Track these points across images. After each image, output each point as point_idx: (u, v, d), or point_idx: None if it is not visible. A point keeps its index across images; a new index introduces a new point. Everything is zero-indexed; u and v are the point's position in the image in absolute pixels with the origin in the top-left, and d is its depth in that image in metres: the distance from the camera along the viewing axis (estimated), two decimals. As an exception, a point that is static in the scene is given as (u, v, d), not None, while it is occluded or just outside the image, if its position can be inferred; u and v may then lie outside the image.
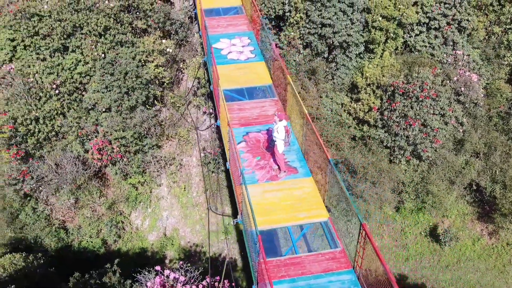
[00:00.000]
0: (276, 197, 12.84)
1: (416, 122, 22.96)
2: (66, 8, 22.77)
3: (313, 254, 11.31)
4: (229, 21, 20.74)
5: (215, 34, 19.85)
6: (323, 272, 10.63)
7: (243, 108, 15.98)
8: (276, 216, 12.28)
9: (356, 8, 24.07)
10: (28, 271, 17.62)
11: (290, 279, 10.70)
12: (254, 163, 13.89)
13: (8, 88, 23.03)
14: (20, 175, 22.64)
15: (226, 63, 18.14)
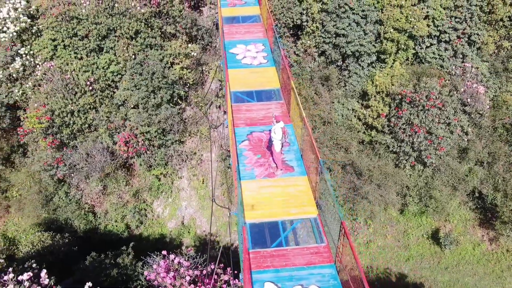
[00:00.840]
0: (271, 192, 12.99)
1: (421, 130, 22.60)
2: (102, 12, 23.43)
3: (298, 248, 11.38)
4: (247, 29, 20.94)
5: (233, 40, 20.10)
6: (305, 265, 10.68)
7: (250, 109, 16.16)
8: (269, 210, 12.43)
9: (369, 20, 23.89)
10: (54, 248, 18.32)
11: (274, 269, 10.81)
12: (254, 161, 14.06)
13: (48, 83, 23.80)
14: (54, 162, 23.50)
15: (240, 67, 18.35)
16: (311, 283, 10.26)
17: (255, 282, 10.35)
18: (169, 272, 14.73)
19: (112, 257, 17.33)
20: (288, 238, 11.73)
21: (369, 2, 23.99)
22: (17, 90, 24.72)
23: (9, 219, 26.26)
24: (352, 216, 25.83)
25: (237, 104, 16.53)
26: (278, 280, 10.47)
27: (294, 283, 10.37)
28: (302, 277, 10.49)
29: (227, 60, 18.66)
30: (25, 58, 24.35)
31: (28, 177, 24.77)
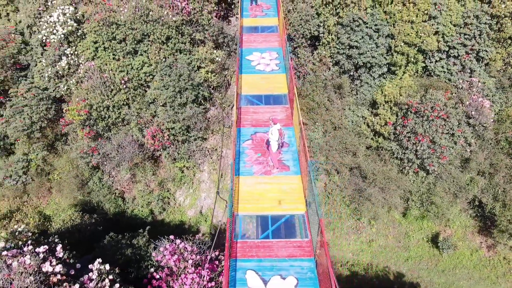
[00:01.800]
0: (265, 189, 13.14)
1: (425, 139, 22.04)
2: (138, 19, 24.09)
3: (282, 241, 11.45)
4: (264, 38, 21.09)
5: (250, 48, 20.31)
6: (287, 257, 10.75)
7: (257, 111, 16.32)
8: (261, 204, 12.57)
9: (381, 34, 23.56)
10: (81, 227, 19.04)
11: (257, 259, 10.93)
12: (254, 159, 14.22)
13: (89, 80, 24.61)
14: (90, 150, 24.37)
15: (253, 73, 18.53)
16: (290, 274, 10.32)
17: (238, 269, 10.52)
18: (173, 255, 15.01)
19: (129, 238, 17.85)
20: (280, 231, 11.70)
21: (381, 17, 23.62)
22: (62, 85, 25.75)
23: (51, 199, 27.37)
24: (357, 216, 25.51)
25: (246, 106, 16.73)
26: (260, 269, 10.59)
27: (274, 273, 10.46)
28: (283, 268, 10.57)
29: (242, 66, 18.84)
30: (70, 58, 25.32)
31: (68, 163, 25.80)
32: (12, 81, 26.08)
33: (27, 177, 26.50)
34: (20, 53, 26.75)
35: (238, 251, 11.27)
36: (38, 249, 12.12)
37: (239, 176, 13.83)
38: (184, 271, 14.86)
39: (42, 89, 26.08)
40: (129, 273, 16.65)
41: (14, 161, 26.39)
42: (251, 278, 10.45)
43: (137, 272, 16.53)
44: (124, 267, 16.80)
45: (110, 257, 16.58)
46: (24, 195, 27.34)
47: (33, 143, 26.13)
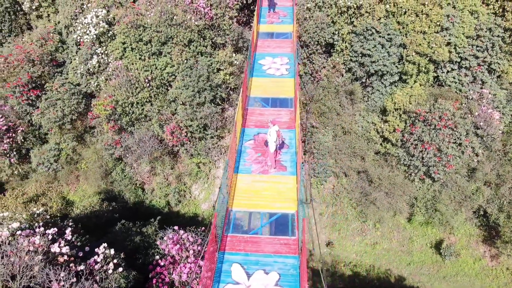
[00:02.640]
0: (261, 187, 13.13)
1: (431, 147, 21.38)
2: (163, 23, 24.47)
3: (270, 237, 11.39)
4: (278, 44, 21.01)
5: (263, 53, 20.30)
6: (273, 253, 10.64)
7: (263, 113, 16.29)
8: (255, 202, 12.51)
9: (393, 43, 23.07)
10: (99, 213, 19.48)
11: (244, 253, 10.93)
12: (254, 158, 14.21)
13: (116, 78, 25.15)
14: (113, 143, 24.94)
15: (263, 76, 18.52)
16: (273, 270, 10.25)
17: (225, 262, 10.55)
18: (176, 245, 15.17)
19: (139, 226, 18.18)
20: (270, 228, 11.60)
21: (394, 27, 23.10)
22: (93, 82, 26.48)
23: (79, 186, 28.22)
24: (362, 219, 25.07)
25: (252, 107, 16.70)
26: (246, 263, 10.58)
27: (258, 268, 10.42)
28: (267, 263, 10.52)
29: (254, 69, 18.83)
30: (101, 57, 25.98)
31: (94, 153, 26.53)
32: (48, 76, 27.02)
33: (57, 164, 27.43)
34: (57, 51, 27.69)
35: (227, 244, 11.29)
36: (48, 231, 12.53)
37: (237, 174, 13.85)
38: (185, 261, 15.01)
39: (75, 85, 26.92)
40: (137, 259, 16.98)
41: (47, 150, 27.36)
42: (236, 270, 10.45)
43: (144, 259, 16.83)
44: (133, 253, 17.15)
45: (120, 243, 16.96)
46: (55, 181, 28.33)
47: (64, 134, 27.02)
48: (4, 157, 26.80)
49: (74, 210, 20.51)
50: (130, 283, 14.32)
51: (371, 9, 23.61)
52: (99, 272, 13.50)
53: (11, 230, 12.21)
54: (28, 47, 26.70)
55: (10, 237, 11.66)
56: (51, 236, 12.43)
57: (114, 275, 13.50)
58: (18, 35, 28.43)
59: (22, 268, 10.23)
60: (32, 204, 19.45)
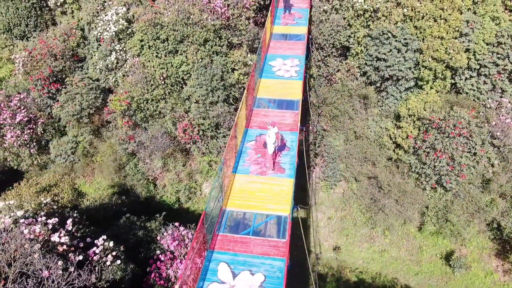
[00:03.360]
0: (257, 188, 13.14)
1: (443, 155, 20.86)
2: (179, 21, 24.80)
3: (260, 239, 11.39)
4: (290, 45, 20.95)
5: (274, 54, 20.33)
6: (261, 255, 10.67)
7: (268, 114, 16.31)
8: (250, 202, 12.54)
9: (409, 48, 22.58)
10: (107, 206, 19.92)
11: (233, 253, 10.99)
12: (254, 159, 14.25)
13: (133, 75, 25.65)
14: (127, 138, 25.42)
15: (272, 78, 18.53)
16: (259, 271, 10.28)
17: (213, 260, 10.66)
18: (175, 241, 15.40)
19: (143, 221, 18.48)
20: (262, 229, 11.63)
21: (411, 32, 22.66)
22: (111, 77, 27.13)
23: (94, 179, 28.96)
24: (371, 225, 24.69)
25: (258, 108, 16.76)
26: (233, 262, 10.65)
27: (245, 268, 10.47)
28: (254, 264, 10.55)
29: (264, 71, 18.87)
30: (119, 53, 26.58)
31: (109, 147, 27.15)
32: (69, 71, 27.87)
33: (74, 156, 28.25)
34: (79, 47, 28.52)
35: (217, 243, 11.40)
36: (49, 221, 12.97)
37: (235, 174, 13.93)
38: (184, 257, 15.21)
39: (94, 80, 27.65)
40: (140, 252, 17.30)
41: (65, 142, 28.22)
42: (222, 270, 10.53)
43: (146, 253, 17.13)
44: (136, 247, 17.49)
45: (123, 236, 17.32)
46: (72, 172, 29.19)
47: (82, 127, 27.79)
48: (24, 148, 27.82)
49: (84, 202, 21.10)
50: (128, 276, 14.62)
51: (388, 12, 23.24)
52: (98, 263, 13.86)
53: (14, 218, 12.71)
54: (51, 42, 27.62)
55: (12, 225, 12.15)
56: (51, 225, 12.88)
57: (112, 266, 13.82)
58: (43, 30, 29.43)
59: (19, 255, 10.65)
60: (44, 194, 20.13)
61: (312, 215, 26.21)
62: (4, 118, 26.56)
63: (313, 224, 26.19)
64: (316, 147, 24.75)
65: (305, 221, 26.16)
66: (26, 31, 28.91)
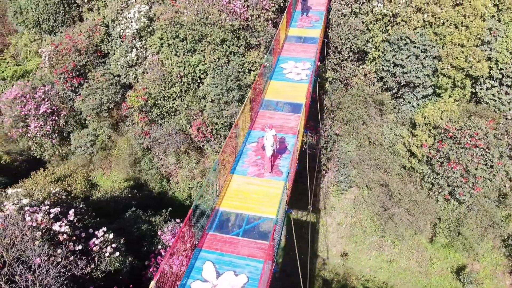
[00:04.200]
0: (252, 189, 13.18)
1: (457, 166, 20.26)
2: (198, 21, 25.14)
3: (248, 240, 11.42)
4: (304, 48, 20.83)
5: (287, 56, 20.29)
6: (247, 256, 10.67)
7: (273, 117, 16.34)
8: (243, 204, 12.60)
9: (428, 54, 22.04)
10: (117, 199, 20.49)
11: (220, 253, 11.08)
12: (253, 161, 14.32)
13: (152, 72, 26.18)
14: (143, 133, 25.89)
15: (282, 80, 18.53)
16: (243, 272, 10.34)
17: (199, 258, 10.82)
18: (174, 236, 15.66)
19: (149, 215, 18.86)
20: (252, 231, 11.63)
21: (430, 38, 22.10)
22: (131, 74, 27.79)
23: (111, 172, 29.77)
24: (381, 233, 24.26)
25: (263, 110, 16.82)
26: (219, 262, 10.76)
27: (229, 268, 10.57)
28: (239, 265, 10.62)
29: (274, 73, 18.89)
30: (139, 50, 27.22)
31: (125, 142, 27.86)
32: (92, 66, 28.75)
33: (93, 149, 29.15)
34: (103, 43, 29.37)
35: (206, 242, 11.54)
36: (52, 210, 13.50)
37: (233, 174, 14.05)
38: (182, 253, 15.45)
39: (115, 76, 28.40)
40: (142, 246, 17.70)
41: (85, 134, 29.16)
42: (207, 269, 10.66)
43: (148, 247, 17.51)
44: (139, 240, 17.89)
45: (128, 229, 17.77)
46: (91, 164, 30.14)
47: (101, 121, 28.64)
48: (46, 138, 28.96)
49: (96, 194, 21.76)
50: (126, 268, 15.00)
51: (408, 18, 22.74)
52: (98, 253, 14.30)
53: (20, 206, 13.31)
54: (77, 38, 28.58)
55: (16, 212, 12.73)
56: (53, 215, 13.40)
57: (110, 258, 14.22)
58: (70, 26, 30.50)
59: (18, 241, 11.16)
60: (59, 183, 20.92)
61: (322, 219, 25.99)
62: (28, 109, 27.73)
63: (322, 228, 25.97)
64: (328, 151, 24.52)
65: (314, 225, 25.99)
66: (54, 26, 30.03)
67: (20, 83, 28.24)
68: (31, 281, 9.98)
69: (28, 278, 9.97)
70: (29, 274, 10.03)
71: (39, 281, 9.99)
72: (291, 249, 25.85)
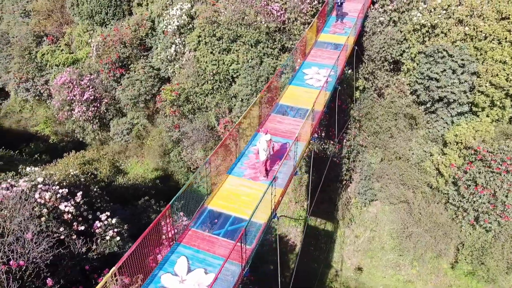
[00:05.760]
0: (244, 192, 13.26)
1: (484, 191, 19.01)
2: (234, 22, 25.46)
3: (226, 241, 11.51)
4: (330, 55, 20.47)
5: (311, 62, 20.07)
6: (221, 256, 10.78)
7: (282, 121, 16.30)
8: (232, 205, 12.75)
9: (466, 70, 20.77)
10: (137, 187, 21.46)
11: (195, 249, 11.29)
12: (252, 163, 14.41)
13: (187, 68, 27.05)
14: (173, 126, 26.76)
15: (301, 85, 18.40)
16: (213, 272, 10.47)
17: (176, 252, 11.13)
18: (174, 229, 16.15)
19: (161, 206, 19.51)
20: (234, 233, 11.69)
21: (470, 52, 20.79)
22: (170, 68, 28.83)
23: (144, 160, 31.15)
24: (399, 252, 23.31)
25: (275, 114, 16.83)
26: (193, 258, 11.01)
27: (201, 266, 10.79)
28: (211, 264, 10.79)
29: (295, 78, 18.86)
30: (178, 46, 28.21)
31: (157, 133, 29.01)
32: (135, 58, 30.21)
33: (129, 137, 30.69)
34: (147, 37, 30.74)
35: (186, 237, 11.82)
36: (60, 190, 14.49)
37: (229, 175, 14.25)
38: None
39: (156, 69, 29.64)
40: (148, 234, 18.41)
41: (123, 122, 30.78)
42: (180, 263, 10.92)
43: (153, 236, 18.18)
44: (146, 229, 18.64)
45: (137, 217, 18.56)
46: (126, 151, 31.76)
47: (138, 111, 30.04)
48: (88, 123, 30.95)
49: (119, 180, 22.94)
50: (125, 252, 15.72)
51: (447, 29, 21.57)
52: (101, 235, 15.15)
53: (34, 183, 14.44)
54: (124, 31, 30.18)
55: (27, 190, 13.85)
56: (61, 195, 14.39)
57: (110, 242, 14.99)
58: (120, 19, 32.22)
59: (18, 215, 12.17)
60: (87, 166, 22.34)
61: (339, 230, 25.43)
62: (74, 94, 29.77)
63: (339, 239, 25.41)
64: (350, 161, 23.93)
65: (331, 235, 25.50)
66: (105, 19, 31.90)
67: (69, 70, 30.38)
68: (20, 253, 10.88)
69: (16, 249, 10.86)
70: (19, 247, 10.95)
71: (26, 253, 10.85)
72: (306, 255, 25.61)
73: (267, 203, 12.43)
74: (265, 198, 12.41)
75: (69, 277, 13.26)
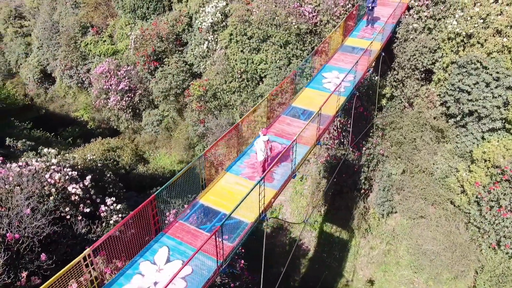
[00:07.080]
0: (237, 190, 13.28)
1: (508, 214, 17.82)
2: (265, 21, 25.50)
3: (208, 236, 11.52)
4: (354, 60, 19.89)
5: (332, 65, 19.67)
6: (200, 249, 10.81)
7: (292, 124, 16.15)
8: (223, 202, 12.81)
9: (501, 83, 19.53)
10: (155, 176, 22.10)
11: (178, 241, 11.45)
12: (251, 162, 14.36)
13: (217, 65, 27.49)
14: (198, 121, 27.31)
15: (318, 89, 18.11)
16: (190, 264, 10.58)
17: (159, 242, 11.38)
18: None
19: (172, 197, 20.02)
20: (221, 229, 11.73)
21: (507, 66, 19.50)
22: (202, 64, 29.42)
23: (171, 151, 32.02)
24: (415, 269, 22.34)
25: (285, 116, 16.71)
26: (174, 249, 11.20)
27: (180, 257, 10.96)
28: (189, 256, 10.84)
29: (313, 80, 18.63)
30: (211, 43, 28.71)
31: (184, 126, 29.65)
32: (170, 53, 31.10)
33: (159, 128, 31.66)
34: (184, 32, 31.52)
35: (172, 229, 12.02)
36: (70, 173, 15.29)
37: (226, 172, 14.33)
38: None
39: (189, 64, 30.35)
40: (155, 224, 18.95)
41: (154, 114, 31.80)
42: (161, 253, 11.12)
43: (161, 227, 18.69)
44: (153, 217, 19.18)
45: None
46: (156, 141, 32.80)
47: (168, 104, 30.91)
48: (122, 112, 32.28)
49: (139, 168, 23.75)
50: (127, 238, 16.29)
51: (484, 40, 20.33)
52: (106, 219, 15.84)
53: (48, 164, 15.35)
54: (162, 25, 31.17)
55: (41, 169, 14.75)
56: (69, 177, 15.17)
57: (114, 226, 15.61)
58: (160, 14, 33.30)
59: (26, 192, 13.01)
60: (110, 153, 23.35)
61: (354, 239, 24.75)
62: (111, 83, 31.18)
63: (353, 249, 24.73)
64: (370, 170, 23.21)
65: (345, 243, 24.89)
66: (146, 13, 33.07)
67: (108, 60, 31.85)
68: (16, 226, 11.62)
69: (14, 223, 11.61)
70: (17, 221, 11.69)
71: (23, 228, 11.56)
72: (318, 261, 25.18)
73: (257, 203, 12.38)
74: (256, 198, 12.37)
75: (69, 255, 13.97)
